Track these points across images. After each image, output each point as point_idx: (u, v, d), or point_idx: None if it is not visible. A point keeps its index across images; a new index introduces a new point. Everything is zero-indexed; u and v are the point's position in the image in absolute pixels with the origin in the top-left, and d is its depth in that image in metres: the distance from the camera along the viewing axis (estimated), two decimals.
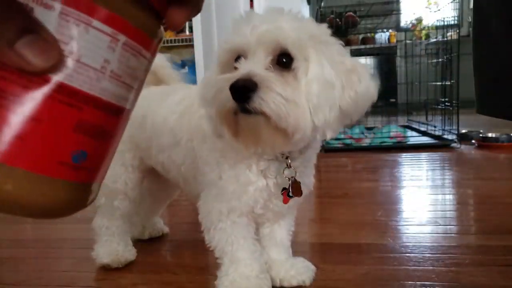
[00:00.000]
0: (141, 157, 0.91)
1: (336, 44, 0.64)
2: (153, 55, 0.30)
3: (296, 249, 0.83)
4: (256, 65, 0.58)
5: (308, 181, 0.75)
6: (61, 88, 0.24)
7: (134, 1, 0.27)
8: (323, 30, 0.64)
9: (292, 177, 0.69)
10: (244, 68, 0.58)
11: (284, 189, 0.70)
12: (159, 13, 0.29)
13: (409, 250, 0.93)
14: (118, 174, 0.90)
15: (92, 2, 0.25)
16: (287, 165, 0.69)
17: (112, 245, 0.91)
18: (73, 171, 0.26)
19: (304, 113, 0.58)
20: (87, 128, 0.26)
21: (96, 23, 0.25)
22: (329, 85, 0.60)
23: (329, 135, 0.62)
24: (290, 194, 0.70)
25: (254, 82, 0.55)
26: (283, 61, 0.60)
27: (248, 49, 0.60)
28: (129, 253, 0.93)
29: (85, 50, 0.25)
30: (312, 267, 0.81)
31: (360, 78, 0.62)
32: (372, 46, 4.46)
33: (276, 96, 0.55)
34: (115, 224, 0.92)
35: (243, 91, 0.55)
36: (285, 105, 0.56)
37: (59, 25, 0.24)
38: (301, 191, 0.70)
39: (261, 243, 0.79)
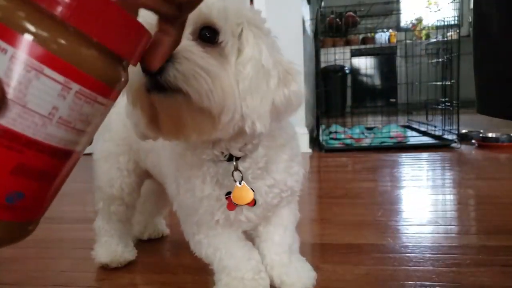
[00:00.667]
0: (135, 160, 0.88)
1: (272, 37, 0.58)
2: (113, 100, 0.29)
3: None
4: None
5: (289, 182, 0.67)
6: (2, 131, 0.24)
7: (92, 50, 0.26)
8: (259, 16, 0.57)
9: (238, 181, 0.62)
10: None
11: (229, 193, 0.63)
12: (121, 57, 0.28)
13: (409, 250, 0.92)
14: (114, 178, 0.88)
15: (46, 50, 0.24)
16: (234, 167, 0.61)
17: (111, 245, 0.91)
18: (5, 211, 0.26)
19: (231, 93, 0.50)
20: (28, 170, 0.25)
21: (48, 71, 0.24)
22: (266, 72, 0.53)
23: (258, 128, 0.53)
24: (234, 201, 0.63)
25: None
26: (206, 35, 0.51)
27: None
28: (129, 253, 0.93)
29: (32, 96, 0.24)
30: (313, 274, 0.77)
31: (294, 79, 0.57)
32: (372, 46, 4.46)
33: (196, 68, 0.46)
34: (113, 228, 0.92)
35: None
36: (207, 80, 0.46)
37: (9, 68, 0.23)
38: (252, 199, 0.63)
39: (255, 243, 0.76)
